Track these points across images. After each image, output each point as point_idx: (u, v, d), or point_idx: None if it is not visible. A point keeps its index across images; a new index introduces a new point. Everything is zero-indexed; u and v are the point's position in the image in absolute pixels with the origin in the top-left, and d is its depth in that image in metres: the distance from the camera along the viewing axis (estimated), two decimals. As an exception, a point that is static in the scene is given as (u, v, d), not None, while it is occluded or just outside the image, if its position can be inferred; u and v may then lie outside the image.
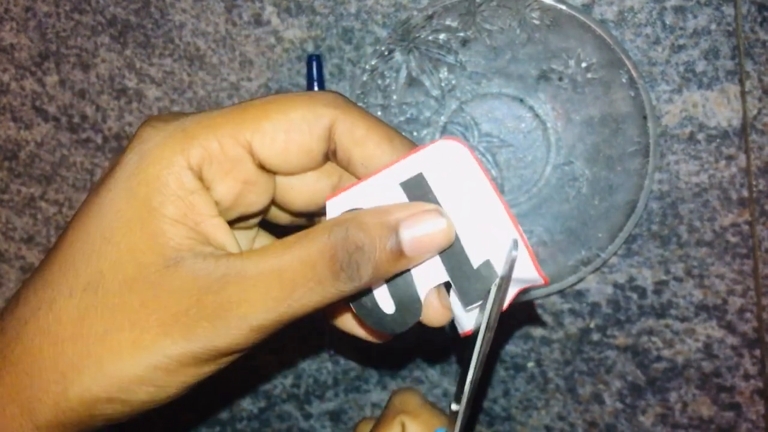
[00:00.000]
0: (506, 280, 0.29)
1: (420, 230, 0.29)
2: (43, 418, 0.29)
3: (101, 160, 0.54)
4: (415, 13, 0.48)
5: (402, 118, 0.51)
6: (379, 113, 0.50)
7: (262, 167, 0.31)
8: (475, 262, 0.30)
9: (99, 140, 0.54)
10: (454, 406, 0.32)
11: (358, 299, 0.31)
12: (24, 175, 0.55)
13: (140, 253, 0.28)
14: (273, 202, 0.33)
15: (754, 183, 0.49)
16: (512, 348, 0.53)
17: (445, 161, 0.30)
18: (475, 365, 0.30)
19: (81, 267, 0.29)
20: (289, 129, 0.30)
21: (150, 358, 0.28)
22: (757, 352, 0.51)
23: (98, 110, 0.53)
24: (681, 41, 0.48)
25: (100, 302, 0.28)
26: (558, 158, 0.50)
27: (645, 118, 0.47)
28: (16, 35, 0.53)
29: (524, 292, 0.31)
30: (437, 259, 0.31)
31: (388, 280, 0.31)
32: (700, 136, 0.49)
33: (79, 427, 0.29)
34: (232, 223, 0.33)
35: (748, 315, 0.50)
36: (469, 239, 0.30)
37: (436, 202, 0.30)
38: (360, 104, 0.49)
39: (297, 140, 0.30)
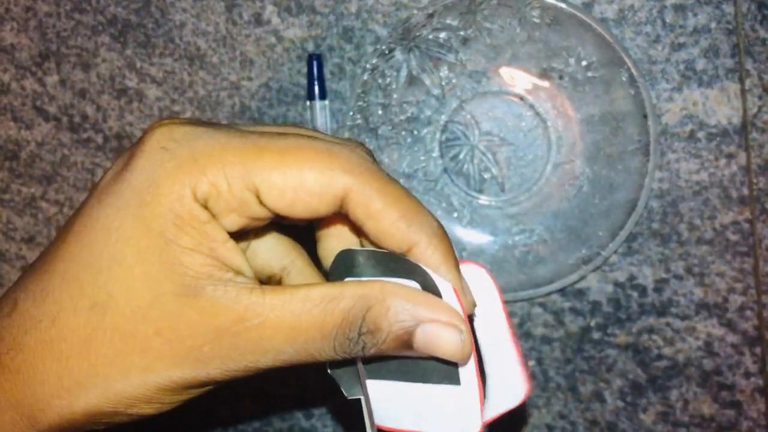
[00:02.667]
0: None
1: (435, 336, 0.29)
2: (46, 424, 0.29)
3: (102, 159, 0.54)
4: (415, 11, 0.48)
5: (403, 117, 0.51)
6: (380, 112, 0.50)
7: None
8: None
9: (100, 140, 0.54)
10: None
11: None
12: (25, 175, 0.55)
13: (156, 282, 0.28)
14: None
15: (754, 181, 0.49)
16: (513, 346, 0.53)
17: (456, 414, 0.30)
18: None
19: (87, 285, 0.28)
20: (299, 188, 0.29)
21: (158, 383, 0.29)
22: (758, 350, 0.51)
23: (99, 110, 0.53)
24: (681, 39, 0.48)
25: (108, 325, 0.28)
26: (558, 157, 0.50)
27: (645, 116, 0.47)
28: (16, 35, 0.53)
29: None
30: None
31: None
32: (701, 135, 0.49)
33: (79, 429, 0.30)
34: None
35: (748, 313, 0.50)
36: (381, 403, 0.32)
37: (420, 379, 0.31)
38: (360, 103, 0.49)
39: (305, 200, 0.29)
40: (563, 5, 0.46)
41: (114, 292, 0.28)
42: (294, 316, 0.28)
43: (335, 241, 0.33)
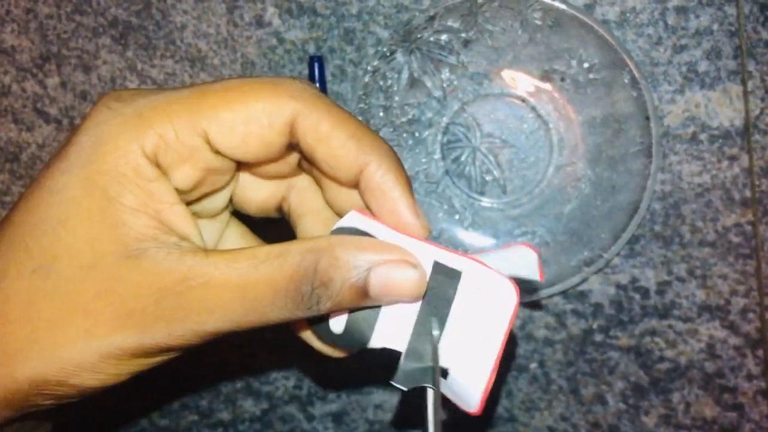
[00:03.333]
0: (436, 397, 0.29)
1: (390, 277, 0.28)
2: None
3: (103, 161, 0.54)
4: (416, 13, 0.48)
5: (404, 119, 0.51)
6: (381, 114, 0.50)
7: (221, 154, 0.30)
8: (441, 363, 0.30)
9: (100, 142, 0.54)
10: None
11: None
12: (26, 177, 0.55)
13: (99, 243, 0.27)
14: (231, 201, 0.33)
15: (756, 183, 0.49)
16: (515, 349, 0.53)
17: (490, 289, 0.29)
18: None
19: (32, 248, 0.28)
20: (248, 121, 0.28)
21: (102, 348, 0.28)
22: (760, 353, 0.51)
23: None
24: (683, 41, 0.48)
25: (51, 287, 0.28)
26: (560, 159, 0.50)
27: (647, 118, 0.47)
28: (17, 37, 0.53)
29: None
30: (410, 326, 0.30)
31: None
32: (703, 137, 0.49)
33: (26, 403, 0.29)
34: (203, 212, 0.32)
35: (750, 315, 0.50)
36: (451, 348, 0.30)
37: (450, 301, 0.30)
38: (362, 105, 0.49)
39: (256, 132, 0.29)
40: (565, 7, 0.46)
41: (58, 254, 0.28)
42: (240, 274, 0.27)
43: (310, 220, 0.33)
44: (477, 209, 0.51)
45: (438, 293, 0.30)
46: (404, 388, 0.29)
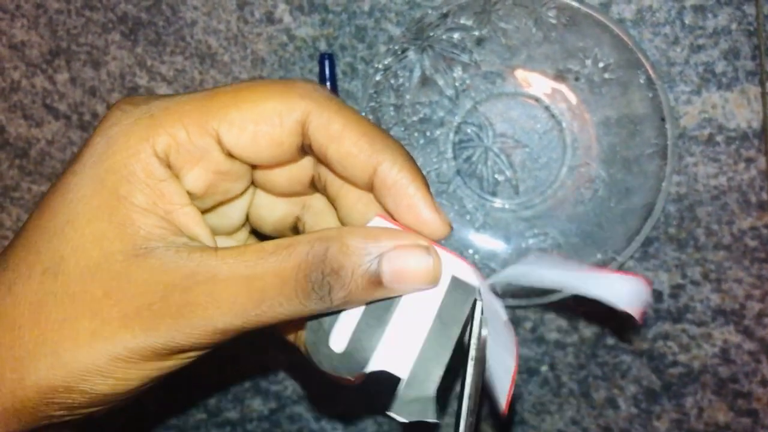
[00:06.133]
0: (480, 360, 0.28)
1: (404, 264, 0.27)
2: (0, 405, 0.28)
3: (112, 158, 0.54)
4: (429, 11, 0.47)
5: (415, 118, 0.50)
6: (392, 113, 0.49)
7: (233, 156, 0.29)
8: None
9: (110, 138, 0.53)
10: None
11: (317, 320, 0.29)
12: (35, 173, 0.55)
13: (107, 241, 0.27)
14: (248, 220, 0.33)
15: (774, 186, 0.48)
16: (526, 351, 0.52)
17: (499, 318, 0.29)
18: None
19: (42, 249, 0.28)
20: (259, 120, 0.28)
21: (109, 349, 0.27)
22: (775, 358, 0.50)
23: (109, 108, 0.53)
24: (700, 41, 0.47)
25: (59, 288, 0.27)
26: (574, 159, 0.49)
27: (663, 119, 0.46)
28: (26, 32, 0.53)
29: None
30: (416, 349, 0.29)
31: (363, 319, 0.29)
32: (719, 138, 0.48)
33: (36, 414, 0.28)
34: (219, 228, 0.32)
35: (766, 320, 0.50)
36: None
37: (463, 320, 0.29)
38: (373, 104, 0.49)
39: (267, 132, 0.28)
40: (580, 5, 0.46)
41: (66, 254, 0.27)
42: (248, 266, 0.27)
43: None
44: (488, 210, 0.51)
45: (451, 313, 0.29)
46: (404, 420, 0.28)
